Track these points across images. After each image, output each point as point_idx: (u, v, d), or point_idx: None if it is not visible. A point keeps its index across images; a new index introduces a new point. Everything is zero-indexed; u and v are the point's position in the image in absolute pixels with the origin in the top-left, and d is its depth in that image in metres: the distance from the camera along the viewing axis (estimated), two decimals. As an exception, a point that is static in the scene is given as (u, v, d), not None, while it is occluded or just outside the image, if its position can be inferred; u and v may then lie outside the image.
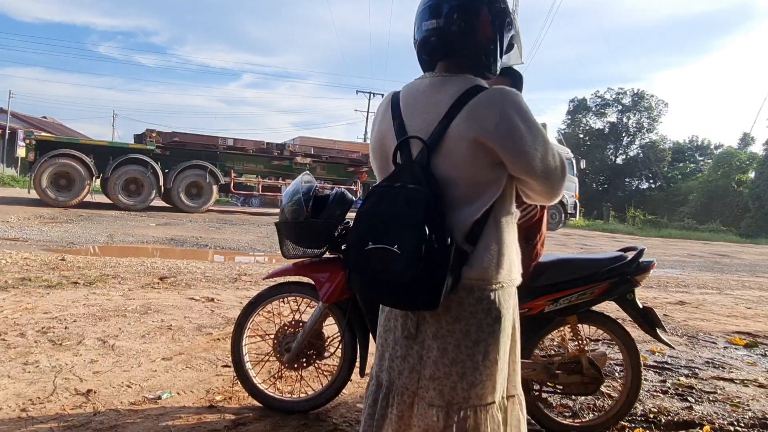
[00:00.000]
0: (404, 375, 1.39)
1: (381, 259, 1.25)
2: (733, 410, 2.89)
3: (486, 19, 1.38)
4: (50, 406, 2.37)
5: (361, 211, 1.33)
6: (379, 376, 1.45)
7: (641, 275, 2.39)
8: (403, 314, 1.40)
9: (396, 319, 1.42)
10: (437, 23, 1.37)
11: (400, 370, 1.39)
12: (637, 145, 51.19)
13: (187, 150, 15.52)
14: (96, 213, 12.85)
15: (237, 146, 16.34)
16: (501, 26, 1.41)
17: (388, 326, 1.44)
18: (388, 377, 1.42)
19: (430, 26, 1.38)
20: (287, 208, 2.39)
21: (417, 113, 1.38)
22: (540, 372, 2.38)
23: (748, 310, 6.28)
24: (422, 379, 1.37)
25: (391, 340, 1.42)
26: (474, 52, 1.40)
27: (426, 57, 1.45)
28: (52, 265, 5.68)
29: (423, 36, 1.41)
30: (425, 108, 1.38)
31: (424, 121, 1.36)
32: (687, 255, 14.28)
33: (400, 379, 1.39)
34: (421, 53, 1.45)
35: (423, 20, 1.40)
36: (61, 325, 3.54)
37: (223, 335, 3.59)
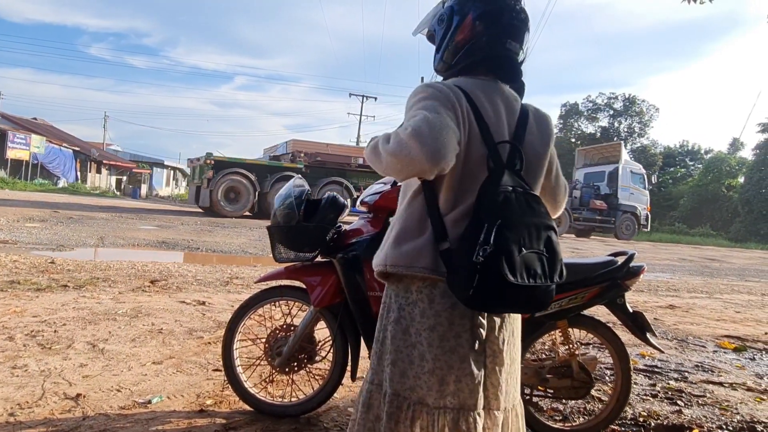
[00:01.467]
0: (476, 392, 1.36)
1: (531, 264, 1.26)
2: (722, 414, 2.91)
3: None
4: (39, 410, 2.35)
5: (506, 216, 1.26)
6: (442, 404, 1.35)
7: (632, 280, 2.41)
8: (470, 327, 1.35)
9: (459, 335, 1.35)
10: (520, 48, 1.48)
11: (471, 388, 1.35)
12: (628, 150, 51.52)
13: (326, 168, 18.44)
14: (86, 215, 12.77)
15: (365, 164, 17.98)
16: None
17: (448, 346, 1.35)
18: (457, 401, 1.35)
19: (516, 49, 1.47)
20: (279, 211, 2.38)
21: (500, 119, 1.42)
22: (531, 376, 2.39)
23: (738, 314, 6.34)
24: (491, 389, 1.38)
25: (457, 359, 1.35)
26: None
27: (508, 72, 1.50)
28: (41, 267, 5.64)
29: (508, 53, 1.46)
30: (506, 115, 1.44)
31: (508, 128, 1.43)
32: (677, 259, 14.38)
33: (472, 398, 1.35)
34: (502, 62, 1.48)
35: (508, 37, 1.45)
36: (51, 329, 3.51)
37: (214, 339, 3.57)
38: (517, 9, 1.46)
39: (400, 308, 1.41)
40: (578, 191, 21.66)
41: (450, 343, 1.34)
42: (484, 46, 1.44)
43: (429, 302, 1.36)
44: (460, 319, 1.35)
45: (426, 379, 1.35)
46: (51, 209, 13.29)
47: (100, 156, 38.85)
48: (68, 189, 30.22)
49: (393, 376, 1.39)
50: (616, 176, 21.69)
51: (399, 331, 1.40)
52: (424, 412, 1.35)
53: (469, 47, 1.45)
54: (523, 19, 1.47)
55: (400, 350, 1.39)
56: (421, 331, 1.37)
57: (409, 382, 1.37)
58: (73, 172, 35.13)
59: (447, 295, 1.34)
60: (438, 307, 1.36)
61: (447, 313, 1.35)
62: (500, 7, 1.45)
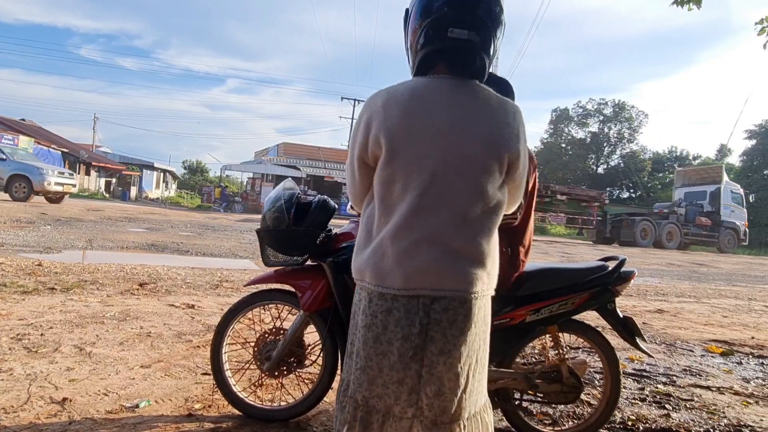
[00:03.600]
0: (402, 399, 1.34)
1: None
2: (710, 417, 2.93)
3: None
4: (24, 414, 2.32)
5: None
6: (369, 403, 1.37)
7: (622, 285, 2.42)
8: (403, 335, 1.32)
9: (391, 342, 1.33)
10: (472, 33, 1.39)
11: (397, 395, 1.33)
12: (618, 155, 52.04)
13: None
14: (75, 217, 12.66)
15: None
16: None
17: (381, 350, 1.35)
18: (383, 404, 1.35)
19: (462, 36, 1.37)
20: (269, 215, 2.37)
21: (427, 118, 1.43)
22: (521, 381, 2.39)
23: (725, 318, 6.39)
24: (424, 399, 1.33)
25: (386, 365, 1.34)
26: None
27: (458, 62, 1.43)
28: (28, 270, 5.58)
29: (451, 44, 1.39)
30: (447, 112, 1.43)
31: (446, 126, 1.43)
32: (666, 264, 14.49)
33: (398, 405, 1.34)
34: (447, 54, 1.41)
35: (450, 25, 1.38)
36: (37, 332, 3.47)
37: (202, 342, 3.55)
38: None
39: (355, 308, 1.46)
40: (683, 209, 23.76)
41: (383, 347, 1.34)
42: (425, 40, 1.38)
43: (368, 302, 1.37)
44: (394, 326, 1.33)
45: (357, 375, 1.39)
46: (38, 211, 13.15)
47: (89, 158, 38.48)
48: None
49: (348, 368, 1.45)
50: (718, 195, 24.04)
51: (353, 328, 1.46)
52: (354, 407, 1.39)
53: (416, 46, 1.41)
54: (470, 3, 1.36)
55: (352, 345, 1.45)
56: (360, 328, 1.39)
57: (355, 378, 1.41)
58: (61, 174, 34.78)
59: (383, 298, 1.34)
60: (375, 308, 1.36)
61: (382, 316, 1.34)
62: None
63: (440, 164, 1.33)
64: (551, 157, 51.31)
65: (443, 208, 1.34)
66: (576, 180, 49.64)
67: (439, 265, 1.33)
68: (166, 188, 55.71)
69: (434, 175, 1.33)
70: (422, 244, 1.32)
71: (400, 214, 1.34)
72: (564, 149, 52.81)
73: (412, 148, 1.34)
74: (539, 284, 2.34)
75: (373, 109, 1.38)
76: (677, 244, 22.71)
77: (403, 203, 1.34)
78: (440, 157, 1.34)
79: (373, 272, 1.36)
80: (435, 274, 1.32)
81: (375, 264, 1.36)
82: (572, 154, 52.32)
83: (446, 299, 1.33)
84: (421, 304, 1.32)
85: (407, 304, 1.32)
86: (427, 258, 1.32)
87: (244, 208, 30.49)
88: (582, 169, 51.86)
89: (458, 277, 1.34)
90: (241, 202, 32.02)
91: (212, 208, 29.24)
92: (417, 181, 1.33)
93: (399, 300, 1.33)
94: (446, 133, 1.35)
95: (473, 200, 1.35)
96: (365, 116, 1.39)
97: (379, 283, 1.35)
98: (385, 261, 1.34)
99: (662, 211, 23.84)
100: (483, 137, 1.36)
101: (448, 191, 1.34)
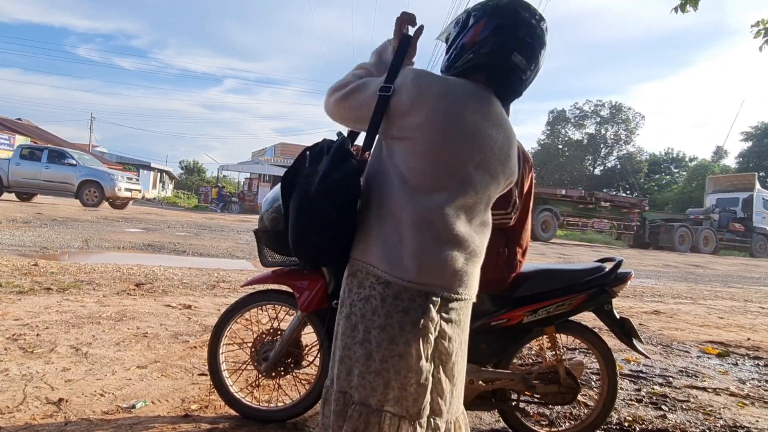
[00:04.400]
0: (421, 402, 1.33)
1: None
2: (706, 418, 2.94)
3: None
4: (20, 415, 2.31)
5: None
6: (382, 406, 1.33)
7: (619, 286, 2.42)
8: (420, 337, 1.31)
9: (408, 344, 1.31)
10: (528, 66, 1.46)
11: (416, 397, 1.32)
12: (614, 157, 52.17)
13: (540, 197, 21.34)
14: (71, 217, 12.62)
15: (567, 195, 23.42)
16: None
17: (397, 351, 1.32)
18: (399, 408, 1.32)
19: (522, 64, 1.44)
20: (267, 215, 2.37)
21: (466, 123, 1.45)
22: (518, 382, 2.40)
23: (721, 319, 6.41)
24: (436, 398, 1.36)
25: (404, 366, 1.31)
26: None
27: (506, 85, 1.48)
28: (24, 270, 5.56)
29: (509, 65, 1.43)
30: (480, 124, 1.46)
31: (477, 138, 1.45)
32: (662, 265, 14.52)
33: (416, 407, 1.33)
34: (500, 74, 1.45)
35: (515, 50, 1.42)
36: (33, 332, 3.46)
37: (199, 343, 3.54)
38: (533, 24, 1.43)
39: (352, 304, 1.38)
40: (716, 215, 24.68)
41: (399, 348, 1.31)
42: (488, 53, 1.42)
43: (381, 301, 1.32)
44: (412, 326, 1.31)
45: (371, 380, 1.32)
46: (35, 211, 13.11)
47: (85, 157, 38.40)
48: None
49: (340, 374, 1.38)
50: (751, 202, 24.77)
51: (348, 328, 1.37)
52: (367, 413, 1.32)
53: (472, 51, 1.44)
54: (539, 36, 1.43)
55: (348, 347, 1.36)
56: (371, 329, 1.33)
57: (354, 381, 1.35)
58: (57, 174, 34.68)
59: (400, 298, 1.31)
60: (390, 308, 1.31)
61: (399, 317, 1.31)
62: (516, 21, 1.42)
63: (470, 171, 1.37)
64: (548, 159, 51.43)
65: (462, 213, 1.37)
66: (573, 181, 49.75)
67: (453, 266, 1.34)
68: (162, 188, 55.55)
69: (461, 181, 1.36)
70: (441, 242, 1.33)
71: (427, 207, 1.33)
72: (561, 150, 52.91)
73: (453, 149, 1.35)
74: (536, 285, 2.34)
75: (423, 90, 1.35)
76: (712, 249, 23.63)
77: (431, 198, 1.34)
78: (471, 165, 1.37)
79: (384, 257, 1.33)
80: (450, 275, 1.34)
81: (388, 248, 1.33)
82: (569, 155, 52.43)
83: (455, 301, 1.36)
84: (435, 302, 1.33)
85: (423, 304, 1.31)
86: (444, 257, 1.33)
87: (241, 209, 30.45)
88: (579, 170, 51.97)
89: (464, 280, 1.37)
90: (238, 202, 31.98)
91: (209, 209, 29.17)
92: (448, 181, 1.35)
93: (416, 301, 1.31)
94: (483, 145, 1.38)
95: (480, 210, 1.42)
96: (413, 86, 1.36)
97: (388, 271, 1.32)
98: (401, 249, 1.32)
99: (697, 217, 24.75)
100: (504, 159, 1.42)
101: (468, 197, 1.38)
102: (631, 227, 24.41)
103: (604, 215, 23.85)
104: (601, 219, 23.76)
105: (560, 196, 22.96)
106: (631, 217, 24.43)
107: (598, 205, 23.49)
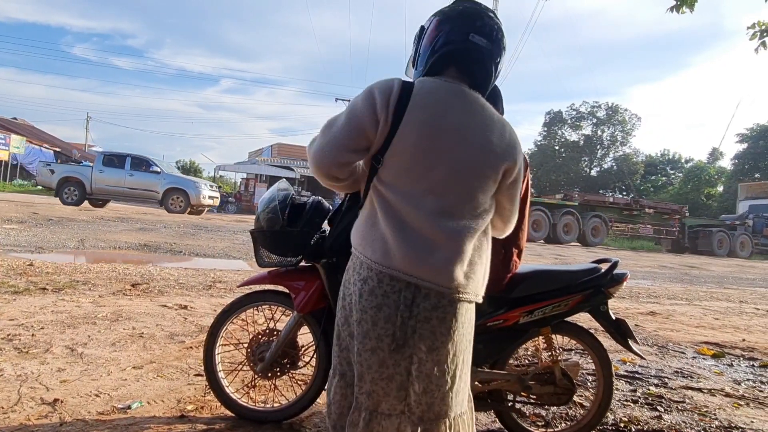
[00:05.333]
0: (391, 396, 1.37)
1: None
2: (701, 419, 2.95)
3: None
4: (14, 416, 2.30)
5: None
6: (359, 399, 1.41)
7: (615, 287, 2.43)
8: (392, 333, 1.35)
9: (380, 339, 1.36)
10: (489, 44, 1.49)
11: (387, 391, 1.37)
12: (611, 158, 52.25)
13: (589, 204, 23.31)
14: (66, 217, 12.57)
15: (615, 201, 25.44)
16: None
17: (369, 345, 1.38)
18: (371, 402, 1.38)
19: (482, 42, 1.48)
20: (263, 216, 2.36)
21: (444, 118, 1.49)
22: (514, 382, 2.40)
23: (716, 320, 6.43)
24: (412, 395, 1.37)
25: (376, 361, 1.37)
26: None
27: (472, 65, 1.51)
28: (19, 270, 5.54)
29: (470, 45, 1.47)
30: (460, 116, 1.49)
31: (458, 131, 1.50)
32: (658, 266, 14.56)
33: (387, 401, 1.37)
34: (463, 55, 1.49)
35: (471, 31, 1.47)
36: (28, 333, 3.45)
37: (195, 343, 3.53)
38: (481, 12, 1.49)
39: (343, 298, 1.49)
40: (750, 220, 25.92)
41: (371, 342, 1.37)
42: (445, 41, 1.47)
43: (359, 296, 1.40)
44: (384, 322, 1.36)
45: (355, 369, 1.43)
46: (30, 211, 13.06)
47: (81, 157, 38.14)
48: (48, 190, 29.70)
49: (333, 354, 1.51)
50: None
51: (341, 320, 1.48)
52: (349, 392, 1.45)
53: (432, 46, 1.50)
54: (492, 22, 1.48)
55: (339, 337, 1.48)
56: (354, 324, 1.42)
57: (344, 367, 1.47)
58: (53, 173, 34.54)
59: (374, 294, 1.37)
60: (365, 303, 1.38)
61: (372, 312, 1.37)
62: (464, 11, 1.50)
63: (446, 163, 1.40)
64: (545, 160, 51.48)
65: (436, 203, 1.39)
66: (569, 182, 49.83)
67: (421, 255, 1.37)
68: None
69: (438, 172, 1.40)
70: (413, 232, 1.38)
71: (407, 202, 1.39)
72: (557, 152, 52.97)
73: (431, 144, 1.40)
74: (533, 286, 2.35)
75: (392, 94, 1.41)
76: (749, 254, 24.53)
77: (410, 194, 1.40)
78: (448, 157, 1.40)
79: (378, 249, 1.39)
80: (418, 262, 1.37)
81: (378, 241, 1.40)
82: (566, 156, 52.48)
83: (433, 293, 1.36)
84: (403, 296, 1.35)
85: (395, 295, 1.36)
86: (415, 246, 1.37)
87: (238, 209, 30.39)
88: (575, 171, 52.04)
89: (437, 270, 1.37)
90: (235, 202, 31.90)
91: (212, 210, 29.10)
92: (426, 175, 1.40)
93: (389, 296, 1.36)
94: (457, 136, 1.42)
95: (462, 201, 1.42)
96: (383, 94, 1.41)
97: (379, 261, 1.38)
98: (387, 242, 1.38)
99: (733, 223, 25.56)
100: (486, 146, 1.44)
101: (445, 189, 1.40)
102: (672, 232, 25.28)
103: (647, 221, 24.82)
104: (645, 224, 24.66)
105: (608, 203, 24.62)
106: (672, 223, 25.35)
107: (642, 211, 24.77)
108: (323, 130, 1.48)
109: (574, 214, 22.05)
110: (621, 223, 24.25)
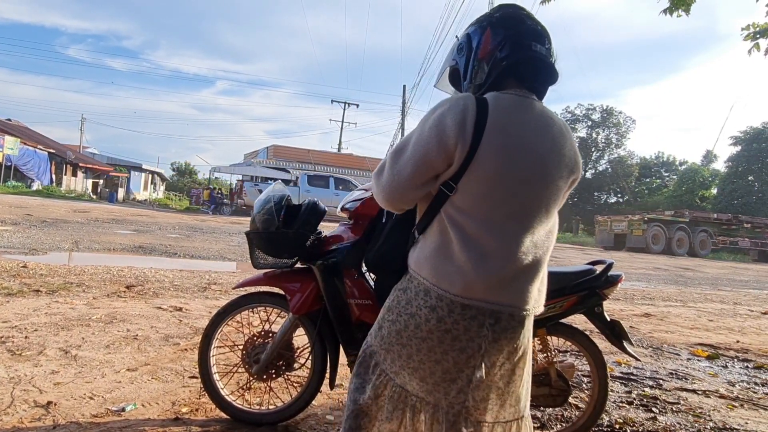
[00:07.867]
0: (451, 396, 1.38)
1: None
2: (695, 420, 2.96)
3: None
4: (7, 419, 2.28)
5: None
6: (419, 394, 1.41)
7: (610, 289, 2.43)
8: (460, 347, 1.35)
9: (446, 353, 1.37)
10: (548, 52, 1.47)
11: (446, 391, 1.38)
12: (605, 160, 52.39)
13: (698, 220, 25.74)
14: (61, 218, 12.52)
15: (717, 218, 26.84)
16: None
17: (434, 357, 1.38)
18: (432, 398, 1.39)
19: (543, 51, 1.44)
20: (259, 217, 2.36)
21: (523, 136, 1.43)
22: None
23: (710, 322, 6.46)
24: (471, 401, 1.38)
25: (439, 369, 1.38)
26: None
27: (541, 73, 1.48)
28: (13, 271, 5.51)
29: (534, 54, 1.43)
30: (534, 133, 1.44)
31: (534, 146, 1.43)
32: (652, 268, 14.61)
33: (446, 399, 1.38)
34: (529, 65, 1.45)
35: (532, 40, 1.43)
36: (21, 335, 3.43)
37: (190, 345, 3.52)
38: (531, 19, 1.46)
39: (399, 314, 1.44)
40: None
41: (436, 356, 1.37)
42: (509, 53, 1.41)
43: (425, 320, 1.36)
44: (451, 341, 1.35)
45: (408, 373, 1.41)
46: (24, 212, 13.00)
47: (76, 158, 38.09)
48: (42, 192, 29.56)
49: (386, 358, 1.46)
50: None
51: (394, 332, 1.44)
52: (404, 395, 1.42)
53: (493, 59, 1.42)
54: (541, 28, 1.46)
55: (392, 345, 1.44)
56: (413, 339, 1.39)
57: (395, 368, 1.43)
58: (47, 175, 34.39)
59: (442, 320, 1.34)
60: (432, 326, 1.36)
61: (439, 333, 1.35)
62: (520, 18, 1.45)
63: (526, 187, 1.36)
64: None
65: (517, 229, 1.36)
66: (564, 184, 49.95)
67: (504, 284, 1.34)
68: (154, 190, 55.27)
69: (519, 197, 1.35)
70: (496, 262, 1.33)
71: (486, 231, 1.34)
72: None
73: (510, 168, 1.34)
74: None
75: (467, 116, 1.33)
76: None
77: (490, 221, 1.35)
78: (527, 180, 1.36)
79: (457, 282, 1.34)
80: (501, 291, 1.34)
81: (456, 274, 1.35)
82: (561, 158, 52.63)
83: (505, 316, 1.35)
84: (487, 323, 1.34)
85: (475, 322, 1.34)
86: (499, 275, 1.33)
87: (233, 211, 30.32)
88: (570, 173, 52.16)
89: (519, 294, 1.36)
90: (230, 204, 31.81)
91: (201, 210, 28.97)
92: (507, 201, 1.35)
93: (459, 322, 1.34)
94: (535, 157, 1.37)
95: (541, 223, 1.40)
96: (456, 119, 1.33)
97: (459, 293, 1.34)
98: (467, 275, 1.33)
99: None
100: (560, 161, 1.41)
101: (525, 213, 1.37)
102: (766, 244, 27.23)
103: (745, 234, 26.97)
104: (744, 238, 26.69)
105: (712, 219, 26.75)
106: (764, 235, 27.18)
107: (741, 226, 27.01)
108: (391, 159, 1.42)
109: (685, 229, 24.66)
110: (723, 236, 26.41)
